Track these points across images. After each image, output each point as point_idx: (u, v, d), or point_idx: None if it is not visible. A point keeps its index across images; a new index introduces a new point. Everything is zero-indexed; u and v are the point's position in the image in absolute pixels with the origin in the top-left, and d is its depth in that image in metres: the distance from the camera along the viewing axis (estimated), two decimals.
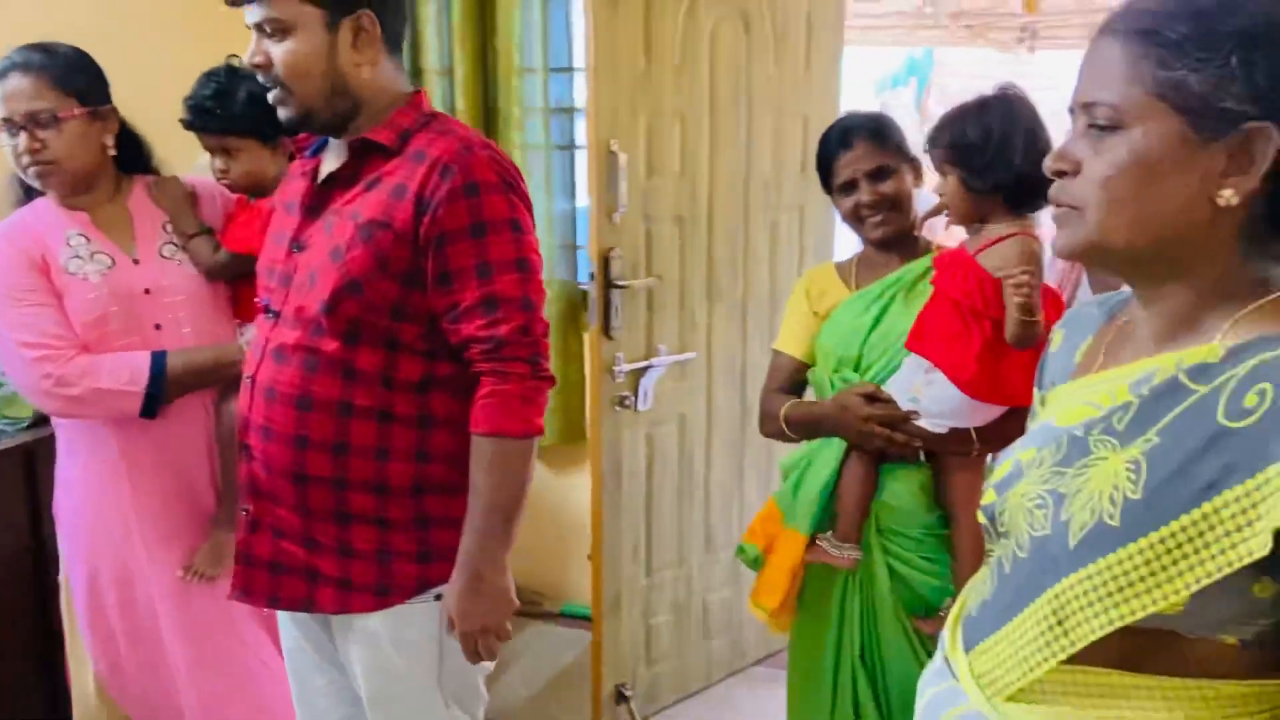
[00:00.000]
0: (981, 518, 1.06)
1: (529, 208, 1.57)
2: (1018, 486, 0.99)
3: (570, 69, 3.17)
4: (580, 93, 3.17)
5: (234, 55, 2.03)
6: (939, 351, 1.73)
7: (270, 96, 1.56)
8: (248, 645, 2.06)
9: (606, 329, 2.53)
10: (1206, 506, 0.82)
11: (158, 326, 1.93)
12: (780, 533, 1.89)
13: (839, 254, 3.10)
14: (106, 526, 1.95)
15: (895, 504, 1.83)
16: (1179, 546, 0.84)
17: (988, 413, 1.75)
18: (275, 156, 2.05)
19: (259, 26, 1.51)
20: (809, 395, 1.99)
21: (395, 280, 1.51)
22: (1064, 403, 1.02)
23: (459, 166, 1.49)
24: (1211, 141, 0.85)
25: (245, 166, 2.02)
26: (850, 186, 1.85)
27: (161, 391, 1.86)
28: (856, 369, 1.85)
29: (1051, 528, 0.93)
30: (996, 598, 1.01)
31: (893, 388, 1.79)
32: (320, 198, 1.60)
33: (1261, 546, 0.80)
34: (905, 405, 1.76)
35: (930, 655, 1.76)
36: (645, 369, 2.62)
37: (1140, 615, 0.86)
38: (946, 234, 2.73)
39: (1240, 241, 0.89)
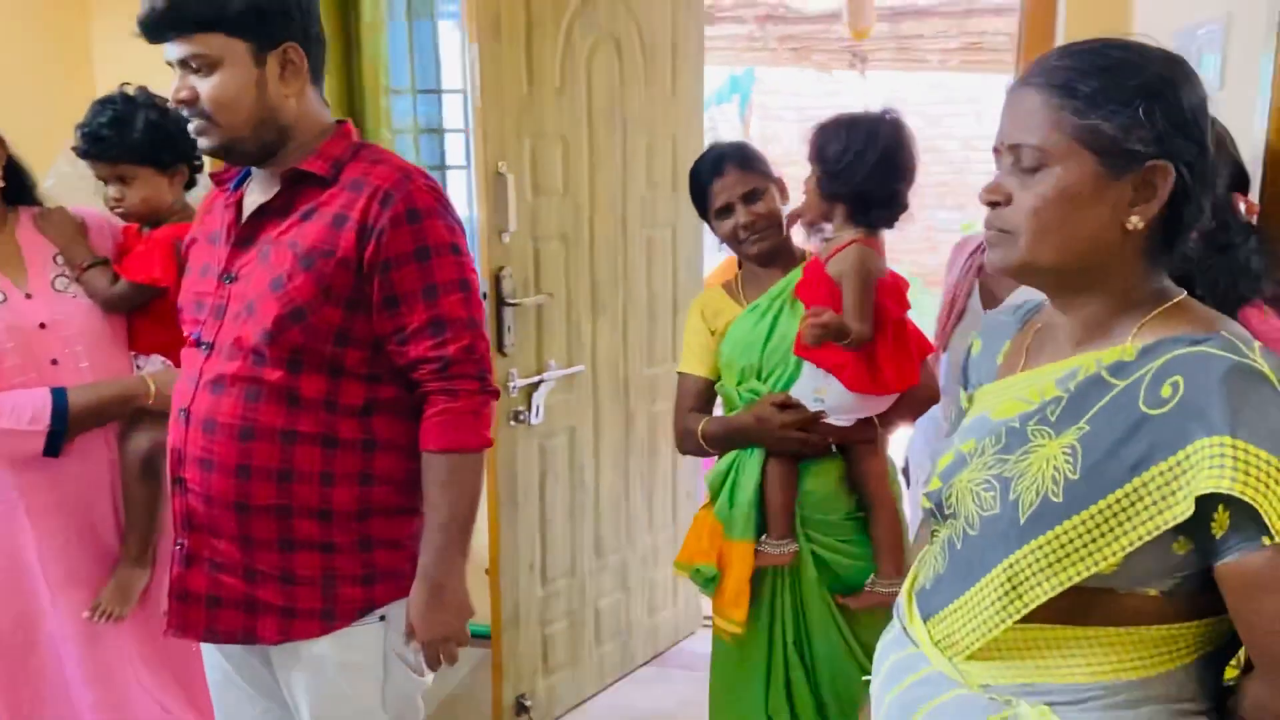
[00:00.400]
0: (927, 503, 1.19)
1: (462, 230, 1.63)
2: (963, 474, 1.12)
3: (439, 90, 3.20)
4: (449, 113, 3.22)
5: (127, 83, 1.98)
6: (822, 356, 1.87)
7: (191, 128, 1.55)
8: (147, 689, 2.01)
9: (500, 346, 2.58)
10: (1136, 481, 0.96)
11: (54, 362, 1.86)
12: (728, 545, 1.96)
13: (708, 268, 3.27)
14: (6, 570, 1.86)
15: (816, 496, 1.95)
16: (1115, 515, 0.98)
17: (885, 400, 1.92)
18: (172, 185, 2.02)
19: (184, 63, 1.50)
20: (717, 409, 2.10)
21: (338, 306, 1.53)
22: (995, 399, 1.16)
23: (399, 194, 1.53)
24: (1121, 177, 1.01)
25: (141, 194, 1.97)
26: (727, 210, 1.98)
27: (64, 429, 1.79)
28: (760, 378, 1.97)
29: (1000, 507, 1.05)
30: (950, 571, 1.13)
31: (798, 391, 1.92)
32: (251, 229, 1.59)
33: (1185, 511, 0.94)
34: (813, 406, 1.90)
35: (854, 634, 1.91)
36: (537, 383, 2.68)
37: (1084, 576, 1.00)
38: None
39: (1141, 259, 1.05)
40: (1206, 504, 0.94)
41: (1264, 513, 0.90)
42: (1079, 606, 1.03)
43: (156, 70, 3.05)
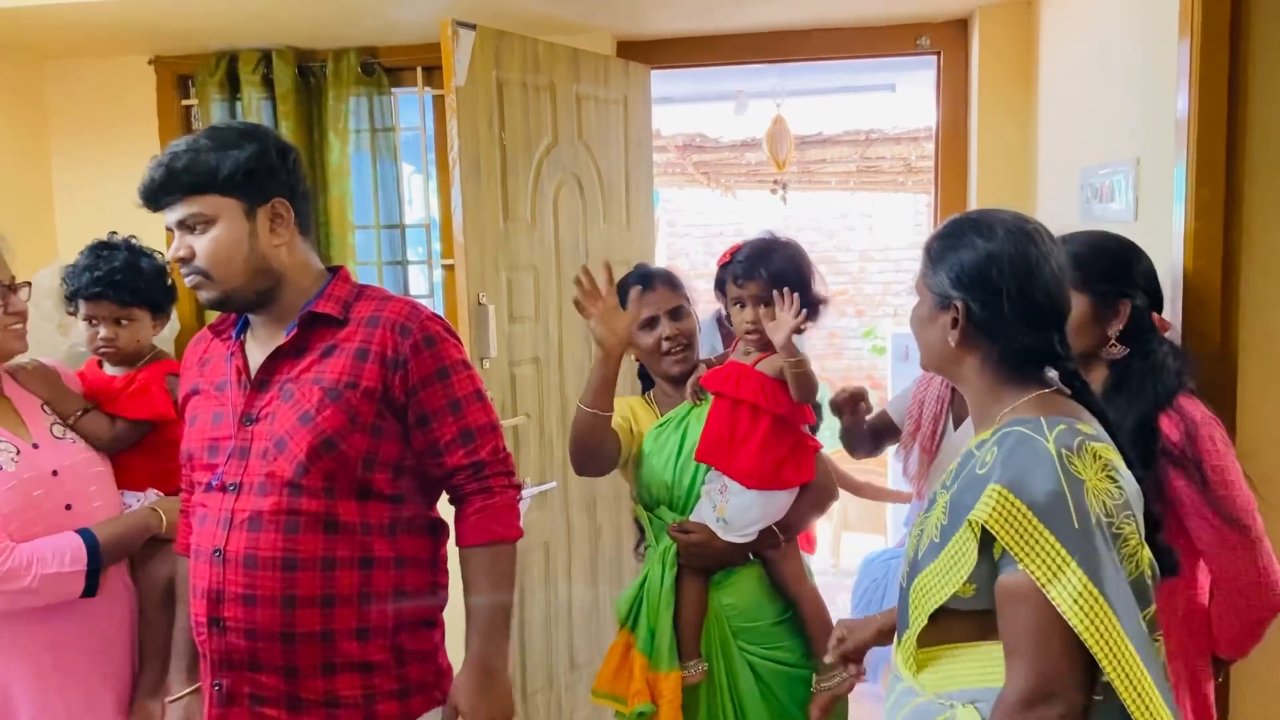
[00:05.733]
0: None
1: (463, 348, 1.79)
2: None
3: (401, 225, 3.37)
4: (410, 247, 3.39)
5: (114, 231, 2.10)
6: (723, 459, 1.99)
7: (189, 283, 1.66)
8: None
9: None
10: (966, 522, 1.28)
11: (68, 506, 1.88)
12: (657, 679, 2.02)
13: None
14: None
15: (741, 604, 2.04)
16: (959, 550, 1.28)
17: (781, 505, 2.03)
18: (156, 328, 2.13)
19: (182, 223, 1.63)
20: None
21: (364, 432, 1.65)
22: None
23: (414, 324, 1.68)
24: (945, 311, 1.40)
25: (136, 335, 2.08)
26: (653, 323, 2.12)
27: (99, 566, 1.83)
28: (672, 504, 2.07)
29: (914, 552, 1.40)
30: (900, 605, 1.43)
31: (700, 514, 2.03)
32: (265, 371, 1.69)
33: (972, 539, 1.25)
34: (715, 527, 2.00)
35: None
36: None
37: (948, 596, 1.29)
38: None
39: (991, 374, 1.39)
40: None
41: (998, 537, 1.23)
42: (983, 626, 1.32)
43: (115, 214, 3.16)
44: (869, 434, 2.44)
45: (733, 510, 1.99)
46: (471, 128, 2.65)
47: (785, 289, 1.94)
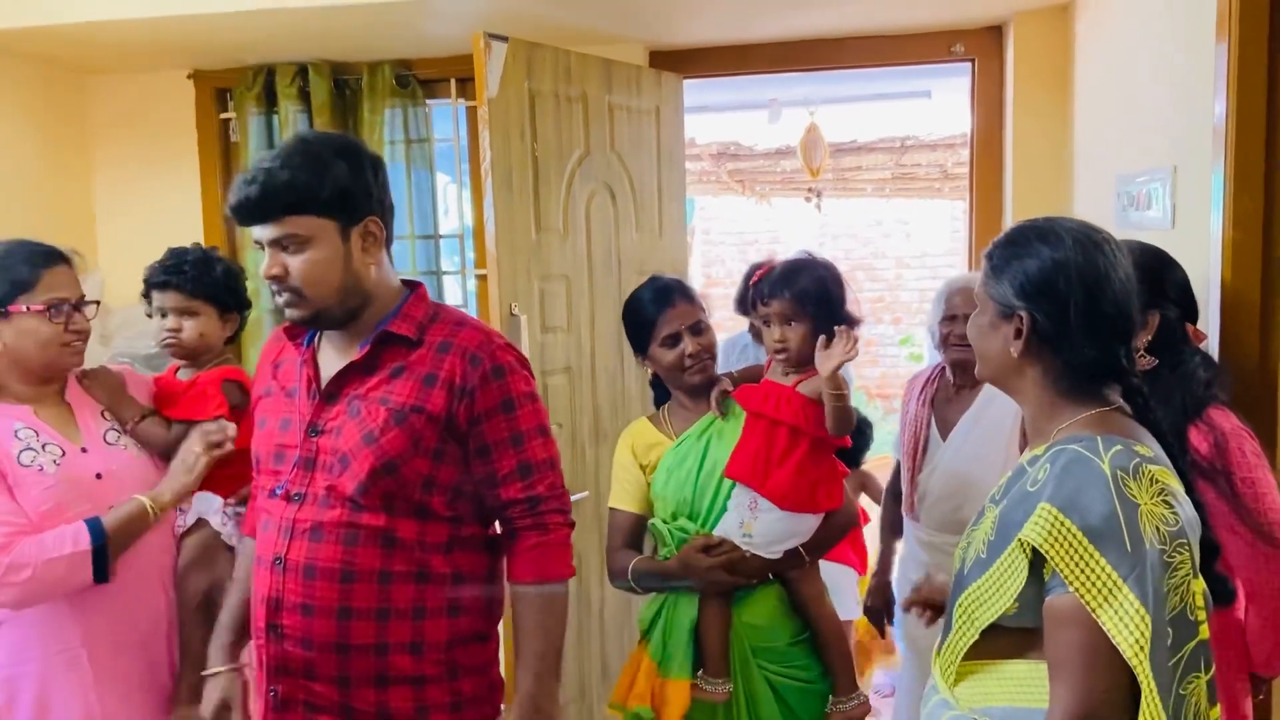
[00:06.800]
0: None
1: (534, 379, 1.77)
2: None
3: (436, 235, 3.40)
4: (445, 257, 3.42)
5: (196, 242, 2.14)
6: (757, 478, 1.97)
7: (281, 301, 1.65)
8: None
9: None
10: (1016, 541, 1.25)
11: (111, 510, 1.93)
12: (664, 684, 1.99)
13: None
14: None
15: (759, 624, 2.01)
16: (1008, 568, 1.26)
17: (809, 527, 2.00)
18: (223, 329, 2.15)
19: (277, 242, 1.61)
20: (647, 545, 2.14)
21: (426, 456, 1.64)
22: None
23: (485, 354, 1.66)
24: (1007, 321, 1.36)
25: (199, 330, 2.10)
26: (675, 339, 2.06)
27: (104, 545, 1.81)
28: (692, 516, 2.02)
29: (961, 565, 1.38)
30: (946, 615, 1.41)
31: (725, 528, 1.98)
32: (335, 385, 1.69)
33: (1023, 559, 1.23)
34: (740, 541, 1.96)
35: None
36: None
37: (998, 614, 1.27)
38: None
39: (1052, 388, 1.35)
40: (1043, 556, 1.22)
41: (1049, 559, 1.20)
42: (1022, 643, 1.30)
43: (155, 224, 3.22)
44: (895, 493, 2.57)
45: (761, 527, 1.97)
46: (504, 139, 2.67)
47: (843, 326, 1.92)
